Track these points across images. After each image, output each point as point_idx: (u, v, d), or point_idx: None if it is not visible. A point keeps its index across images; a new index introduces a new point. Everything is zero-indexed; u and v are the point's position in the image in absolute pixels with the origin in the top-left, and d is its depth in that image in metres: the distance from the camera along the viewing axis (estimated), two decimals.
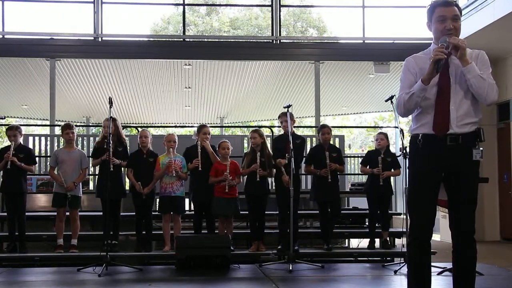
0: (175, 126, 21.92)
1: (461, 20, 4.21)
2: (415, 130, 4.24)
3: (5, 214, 8.84)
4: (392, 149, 10.27)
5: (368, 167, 9.17)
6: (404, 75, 4.29)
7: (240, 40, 14.89)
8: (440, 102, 4.11)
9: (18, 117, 21.67)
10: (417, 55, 4.32)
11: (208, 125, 9.23)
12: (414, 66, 4.25)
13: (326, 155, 8.69)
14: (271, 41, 13.83)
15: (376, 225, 9.25)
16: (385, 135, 9.28)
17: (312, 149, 9.69)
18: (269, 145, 9.16)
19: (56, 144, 11.75)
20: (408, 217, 4.34)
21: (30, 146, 10.53)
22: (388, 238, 9.22)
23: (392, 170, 9.08)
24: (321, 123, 9.33)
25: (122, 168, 8.75)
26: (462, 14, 4.23)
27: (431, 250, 4.30)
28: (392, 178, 9.84)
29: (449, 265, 4.51)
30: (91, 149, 10.70)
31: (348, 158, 15.83)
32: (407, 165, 4.45)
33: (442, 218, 11.55)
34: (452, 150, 4.09)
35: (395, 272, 7.58)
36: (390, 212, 10.60)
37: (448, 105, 4.10)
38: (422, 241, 4.18)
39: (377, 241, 9.29)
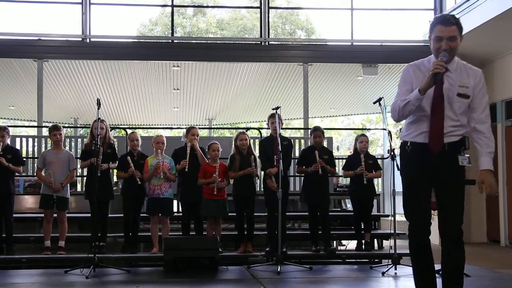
0: (164, 128, 21.87)
1: (461, 35, 4.35)
2: (406, 136, 4.47)
3: None
4: (380, 150, 10.34)
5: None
6: (401, 83, 4.49)
7: (229, 42, 14.88)
8: (435, 120, 4.32)
9: (5, 118, 21.55)
10: (415, 63, 4.51)
11: (197, 126, 9.21)
12: (411, 74, 4.44)
13: (316, 154, 8.70)
14: (259, 42, 13.85)
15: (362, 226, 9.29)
16: (367, 137, 9.34)
17: (303, 150, 9.73)
18: (257, 147, 9.17)
19: (43, 145, 11.70)
20: (406, 220, 4.53)
21: (18, 147, 10.47)
22: (371, 240, 9.25)
23: (373, 172, 9.13)
24: (313, 126, 9.33)
25: (111, 170, 8.71)
26: (462, 30, 4.37)
27: None
28: (378, 179, 9.89)
29: (437, 266, 4.55)
30: (79, 151, 10.67)
31: (336, 160, 15.88)
32: (399, 171, 4.64)
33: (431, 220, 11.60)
34: (439, 156, 4.32)
35: (383, 273, 7.61)
36: (378, 214, 10.67)
37: (442, 123, 4.30)
38: (421, 240, 4.42)
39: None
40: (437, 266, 4.51)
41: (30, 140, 11.92)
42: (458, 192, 4.38)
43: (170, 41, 14.23)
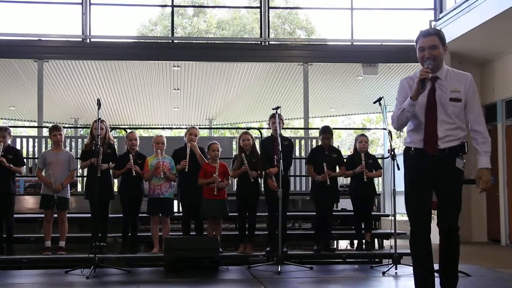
0: (164, 128, 21.88)
1: (443, 45, 4.76)
2: (408, 144, 4.83)
3: None
4: (380, 150, 10.36)
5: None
6: (398, 95, 4.87)
7: (229, 42, 14.89)
8: (429, 124, 4.67)
9: (5, 119, 21.57)
10: (409, 76, 4.93)
11: (197, 126, 9.22)
12: (406, 86, 4.82)
13: (324, 166, 8.70)
14: (259, 42, 13.86)
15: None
16: (367, 137, 9.35)
17: (313, 149, 9.77)
18: (257, 147, 9.18)
19: (44, 145, 11.70)
20: (408, 217, 4.80)
21: (18, 147, 10.47)
22: (371, 240, 9.25)
23: (374, 171, 9.14)
24: (322, 126, 9.31)
25: (111, 170, 8.71)
26: (445, 40, 4.79)
27: None
28: (378, 179, 9.89)
29: (436, 266, 4.59)
30: (79, 151, 10.67)
31: None
32: (404, 173, 4.90)
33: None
34: (440, 159, 4.65)
35: (383, 273, 7.60)
36: (378, 213, 10.67)
37: (436, 127, 4.65)
38: (422, 235, 4.68)
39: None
40: (436, 266, 4.54)
41: (31, 140, 11.91)
42: (456, 193, 4.70)
43: (170, 41, 14.24)
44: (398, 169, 7.21)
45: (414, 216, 4.73)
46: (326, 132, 8.99)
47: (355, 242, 9.37)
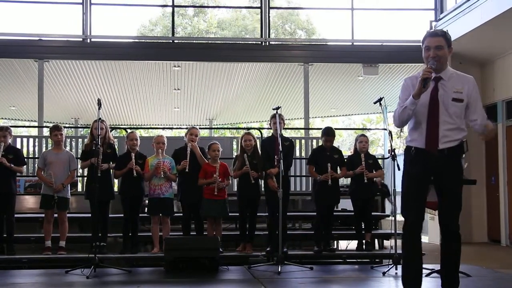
0: (164, 128, 21.89)
1: (449, 47, 4.94)
2: (409, 142, 4.95)
3: None
4: (381, 150, 10.35)
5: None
6: (401, 93, 4.99)
7: (230, 42, 14.90)
8: (431, 123, 4.79)
9: (6, 119, 21.57)
10: (412, 75, 5.03)
11: (197, 126, 9.22)
12: (410, 85, 4.92)
13: (328, 166, 8.69)
14: (260, 43, 13.86)
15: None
16: (367, 137, 9.35)
17: (314, 149, 9.78)
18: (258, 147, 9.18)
19: (44, 145, 11.70)
20: (403, 211, 4.96)
21: (18, 147, 10.47)
22: (371, 240, 9.25)
23: (374, 171, 9.14)
24: (325, 127, 9.28)
25: (111, 170, 8.71)
26: (451, 42, 4.98)
27: None
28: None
29: (437, 266, 4.61)
30: (79, 151, 10.67)
31: None
32: (403, 170, 5.02)
33: (430, 219, 11.59)
34: (439, 159, 4.78)
35: (384, 273, 7.59)
36: (379, 213, 10.67)
37: (437, 127, 4.78)
38: (414, 229, 4.85)
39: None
40: (436, 266, 4.56)
41: (31, 140, 11.92)
42: (456, 193, 4.86)
43: (171, 41, 14.25)
44: (399, 169, 7.20)
45: (408, 211, 4.86)
46: (330, 134, 8.97)
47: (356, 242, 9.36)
